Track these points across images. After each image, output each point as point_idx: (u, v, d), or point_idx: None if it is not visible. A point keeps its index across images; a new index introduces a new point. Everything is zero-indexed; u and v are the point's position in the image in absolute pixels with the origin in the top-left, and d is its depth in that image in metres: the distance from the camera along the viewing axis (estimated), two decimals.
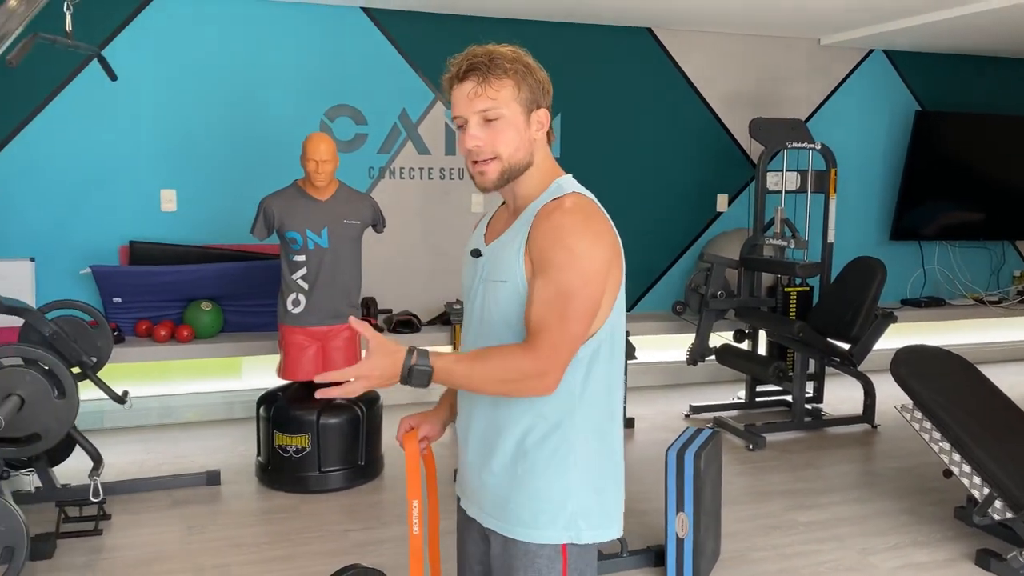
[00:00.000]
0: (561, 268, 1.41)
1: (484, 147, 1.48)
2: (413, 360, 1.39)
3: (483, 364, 1.40)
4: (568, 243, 1.42)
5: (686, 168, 5.57)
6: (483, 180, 1.51)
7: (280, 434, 3.79)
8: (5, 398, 2.75)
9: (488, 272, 1.54)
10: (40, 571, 3.03)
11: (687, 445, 2.97)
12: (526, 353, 1.40)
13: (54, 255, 4.46)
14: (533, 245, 1.45)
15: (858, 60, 5.88)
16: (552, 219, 1.45)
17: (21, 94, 4.35)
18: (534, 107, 1.51)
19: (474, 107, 1.47)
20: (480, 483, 1.58)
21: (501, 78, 1.46)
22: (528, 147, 1.51)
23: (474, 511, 1.62)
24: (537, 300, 1.42)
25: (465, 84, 1.48)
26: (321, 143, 3.63)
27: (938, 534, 3.45)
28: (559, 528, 1.51)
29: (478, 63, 1.46)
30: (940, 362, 3.59)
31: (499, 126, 1.48)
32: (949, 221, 6.09)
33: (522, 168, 1.52)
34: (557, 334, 1.40)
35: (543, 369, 1.40)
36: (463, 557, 1.71)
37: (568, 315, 1.41)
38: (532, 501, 1.51)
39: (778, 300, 5.03)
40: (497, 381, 1.41)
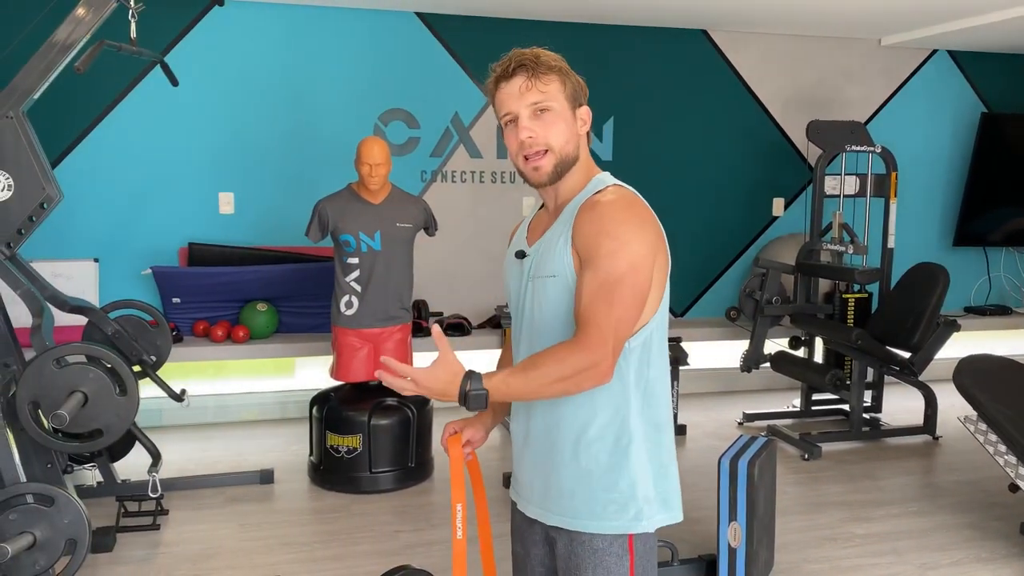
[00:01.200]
0: (607, 256, 1.43)
1: (537, 138, 1.51)
2: (468, 387, 1.40)
3: (536, 370, 1.41)
4: (612, 230, 1.44)
5: (741, 171, 5.49)
6: (538, 175, 1.54)
7: (332, 434, 3.83)
8: (70, 395, 2.83)
9: (535, 270, 1.56)
10: (101, 563, 3.11)
11: (740, 453, 2.92)
12: (576, 347, 1.41)
13: (117, 256, 4.59)
14: (578, 237, 1.48)
15: (921, 61, 5.73)
16: (595, 209, 1.48)
17: (87, 100, 4.49)
18: (578, 104, 1.55)
19: (525, 100, 1.50)
20: (543, 482, 1.59)
21: (548, 73, 1.51)
22: (576, 141, 1.55)
23: (535, 511, 1.62)
24: (585, 291, 1.44)
25: (514, 80, 1.51)
26: (375, 147, 3.66)
27: (1003, 550, 3.33)
28: (628, 518, 1.53)
29: (526, 60, 1.51)
30: (1006, 372, 3.47)
31: (550, 118, 1.51)
32: (1017, 227, 5.88)
33: (572, 162, 1.54)
34: (605, 321, 1.41)
35: (595, 359, 1.40)
36: (523, 561, 1.70)
37: (615, 301, 1.42)
38: (599, 492, 1.53)
39: (835, 307, 4.92)
40: (553, 382, 1.41)
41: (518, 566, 1.73)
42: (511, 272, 1.65)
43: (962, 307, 5.88)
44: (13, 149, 2.98)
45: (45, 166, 3.05)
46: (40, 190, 3.02)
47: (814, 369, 4.74)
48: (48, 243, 4.28)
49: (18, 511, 2.62)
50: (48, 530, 2.64)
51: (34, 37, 3.29)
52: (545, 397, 1.47)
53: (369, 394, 3.91)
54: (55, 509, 2.66)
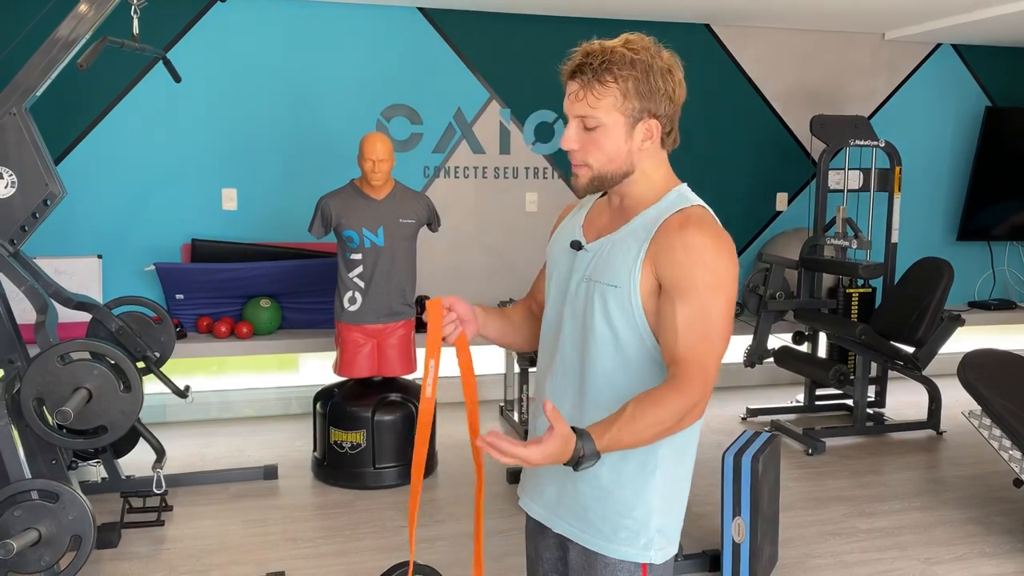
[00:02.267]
0: (705, 289, 1.35)
1: (575, 154, 1.44)
2: (582, 451, 1.28)
3: (644, 419, 1.31)
4: (709, 262, 1.36)
5: (744, 166, 5.48)
6: (576, 183, 1.47)
7: (336, 430, 3.84)
8: (74, 391, 2.83)
9: (594, 272, 1.47)
10: (106, 559, 3.12)
11: (744, 448, 2.92)
12: (679, 392, 1.33)
13: (120, 253, 4.59)
14: (664, 260, 1.38)
15: (925, 55, 5.71)
16: (687, 236, 1.37)
17: (90, 96, 4.49)
18: (643, 116, 1.41)
19: (574, 110, 1.41)
20: (558, 489, 1.54)
21: (606, 84, 1.37)
22: (626, 159, 1.43)
23: (542, 514, 1.58)
24: (681, 325, 1.36)
25: (572, 83, 1.41)
26: (378, 143, 3.66)
27: (1007, 545, 3.32)
28: (638, 547, 1.48)
29: (586, 64, 1.38)
30: (1010, 366, 3.47)
31: (596, 136, 1.41)
32: (1021, 221, 5.86)
33: (618, 178, 1.45)
34: (707, 359, 1.36)
35: (697, 400, 1.35)
36: (536, 562, 1.67)
37: (713, 336, 1.36)
38: (614, 515, 1.48)
39: (839, 301, 4.91)
40: (661, 432, 1.34)
41: (530, 568, 1.70)
42: (560, 258, 1.57)
43: (966, 302, 5.87)
44: (16, 146, 2.98)
45: (48, 163, 3.05)
46: (43, 187, 3.02)
47: (818, 364, 4.74)
48: (52, 240, 4.29)
49: (23, 507, 2.63)
50: (53, 526, 2.65)
51: (36, 34, 3.29)
52: (646, 444, 1.38)
53: (372, 390, 3.92)
54: (60, 505, 2.66)
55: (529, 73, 5.05)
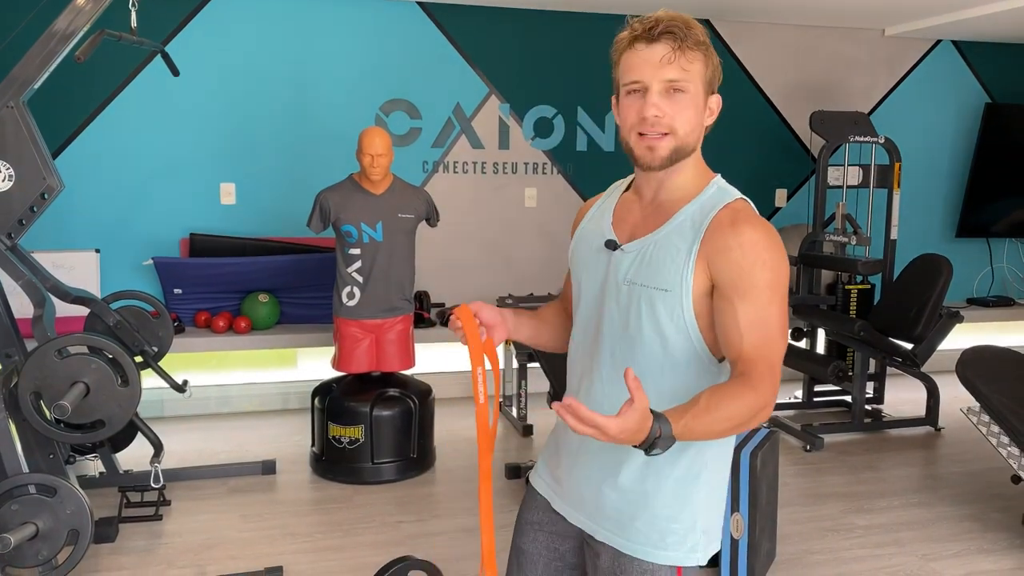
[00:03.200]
0: (767, 288, 1.32)
1: (663, 119, 1.36)
2: (658, 432, 1.20)
3: (718, 412, 1.27)
4: (768, 261, 1.33)
5: (743, 162, 5.47)
6: (652, 156, 1.38)
7: (334, 425, 3.83)
8: (71, 385, 2.82)
9: (637, 275, 1.40)
10: (103, 554, 3.11)
11: (743, 444, 2.91)
12: (750, 390, 1.29)
13: (118, 247, 4.58)
14: (717, 260, 1.34)
15: (925, 51, 5.70)
16: (742, 235, 1.34)
17: (88, 90, 4.47)
18: (712, 90, 1.41)
19: (664, 74, 1.34)
20: (595, 496, 1.48)
21: (695, 50, 1.35)
22: (700, 131, 1.41)
23: (580, 519, 1.52)
24: (744, 325, 1.32)
25: (656, 47, 1.34)
26: (376, 137, 3.65)
27: (1005, 542, 3.33)
28: (684, 550, 1.44)
29: (675, 27, 1.33)
30: (1009, 363, 3.47)
31: (683, 100, 1.36)
32: (1020, 217, 5.87)
33: (689, 152, 1.40)
34: (774, 358, 1.32)
35: (767, 400, 1.31)
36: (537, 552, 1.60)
37: (777, 336, 1.33)
38: (662, 521, 1.43)
39: (838, 298, 4.91)
40: (732, 427, 1.30)
41: (522, 561, 1.61)
42: (591, 260, 1.49)
43: (965, 298, 5.87)
44: (14, 139, 2.97)
45: (46, 156, 3.04)
46: (41, 180, 3.01)
47: (816, 360, 4.74)
48: (49, 234, 4.27)
49: (20, 501, 2.62)
50: (50, 520, 2.64)
51: (34, 26, 3.28)
52: (715, 438, 1.36)
53: (371, 385, 3.91)
54: (57, 499, 2.65)
55: (529, 68, 5.03)
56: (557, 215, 5.11)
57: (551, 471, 1.59)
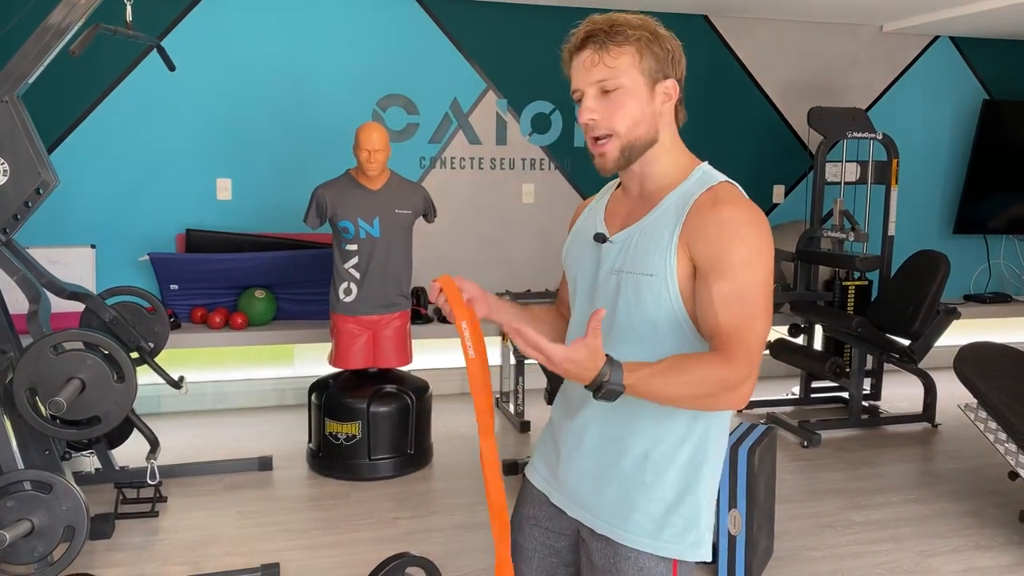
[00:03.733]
0: (744, 265, 1.30)
1: (600, 121, 1.36)
2: (607, 376, 1.21)
3: (681, 376, 1.26)
4: (746, 238, 1.31)
5: (741, 158, 5.46)
6: (602, 162, 1.39)
7: (331, 421, 3.82)
8: (67, 381, 2.81)
9: (624, 263, 1.41)
10: (99, 550, 3.10)
11: (741, 441, 2.91)
12: (723, 362, 1.27)
13: (114, 242, 4.56)
14: (696, 240, 1.33)
15: (922, 47, 5.69)
16: (721, 213, 1.33)
17: (83, 84, 4.45)
18: (660, 77, 1.38)
19: (591, 77, 1.36)
20: (595, 489, 1.47)
21: (621, 44, 1.36)
22: (652, 122, 1.39)
23: (577, 511, 1.51)
24: (720, 302, 1.30)
25: (582, 53, 1.37)
26: (373, 132, 3.64)
27: (1002, 538, 3.33)
28: (685, 544, 1.43)
29: (596, 30, 1.37)
30: (1006, 360, 3.47)
31: (617, 98, 1.36)
32: (1017, 214, 5.87)
33: (645, 145, 1.39)
34: (750, 336, 1.30)
35: (741, 378, 1.28)
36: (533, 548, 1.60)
37: (757, 315, 1.31)
38: (660, 513, 1.43)
39: (835, 294, 4.91)
40: (695, 395, 1.28)
41: (518, 556, 1.61)
42: (583, 256, 1.50)
43: (962, 295, 5.87)
44: (8, 134, 2.95)
45: (41, 151, 3.03)
46: (36, 175, 2.99)
47: (814, 357, 4.74)
48: (44, 229, 4.26)
49: (16, 498, 2.61)
50: (46, 517, 2.64)
51: (29, 20, 3.26)
52: (677, 406, 1.33)
53: (368, 381, 3.90)
54: (53, 496, 2.65)
55: (526, 63, 5.02)
56: (555, 211, 5.10)
57: (548, 465, 1.59)
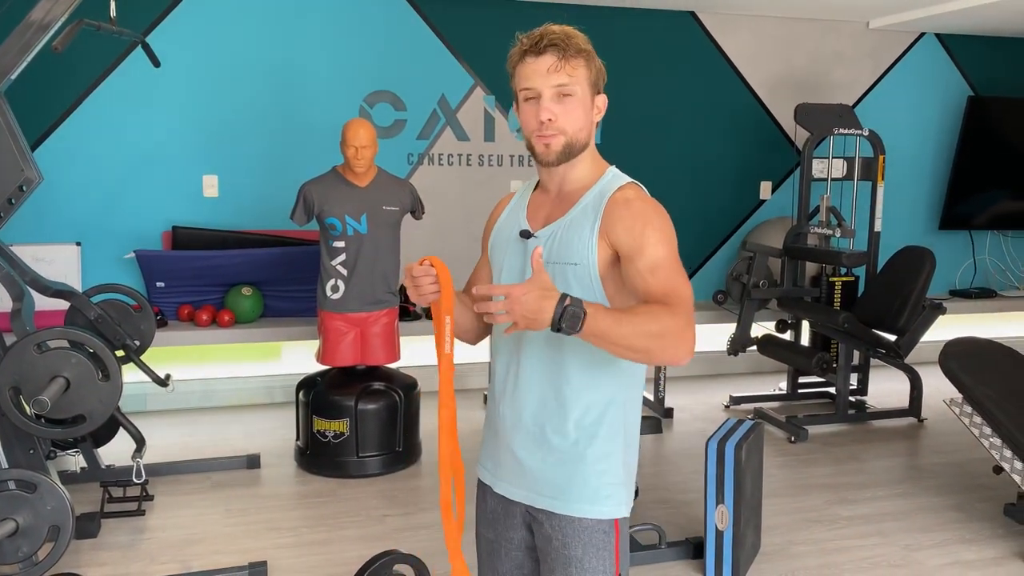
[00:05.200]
0: (657, 243, 1.48)
1: (556, 122, 1.51)
2: (567, 302, 1.33)
3: (636, 316, 1.38)
4: (656, 225, 1.50)
5: (728, 155, 5.47)
6: (547, 152, 1.54)
7: (319, 419, 3.81)
8: (51, 380, 2.79)
9: (551, 255, 1.55)
10: (85, 549, 3.09)
11: (728, 436, 2.92)
12: (670, 311, 1.41)
13: (99, 240, 4.53)
14: (616, 231, 1.50)
15: (908, 44, 5.72)
16: (632, 207, 1.51)
17: (66, 81, 4.41)
18: (596, 91, 1.56)
19: (551, 81, 1.50)
20: (535, 464, 1.59)
21: (577, 57, 1.51)
22: (590, 128, 1.56)
23: (521, 494, 1.62)
24: (647, 272, 1.47)
25: (543, 58, 1.50)
26: (360, 129, 3.62)
27: (987, 531, 3.35)
28: (615, 503, 1.58)
29: (558, 39, 1.50)
30: (991, 355, 3.49)
31: (571, 103, 1.52)
32: (1002, 210, 5.91)
33: (581, 148, 1.55)
34: (681, 291, 1.46)
35: (682, 327, 1.40)
36: (495, 546, 1.69)
37: (678, 278, 1.48)
38: (594, 478, 1.56)
39: (822, 290, 4.93)
40: (647, 336, 1.38)
41: (490, 551, 1.71)
42: (508, 250, 1.63)
43: (947, 290, 5.91)
44: None
45: (24, 148, 3.00)
46: (19, 172, 2.96)
47: (801, 352, 4.76)
48: (29, 227, 4.23)
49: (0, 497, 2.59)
50: (31, 516, 2.62)
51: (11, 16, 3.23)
52: (626, 347, 1.38)
53: (356, 379, 3.89)
54: (37, 495, 2.63)
55: None
56: None
57: (491, 456, 1.69)
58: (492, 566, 1.71)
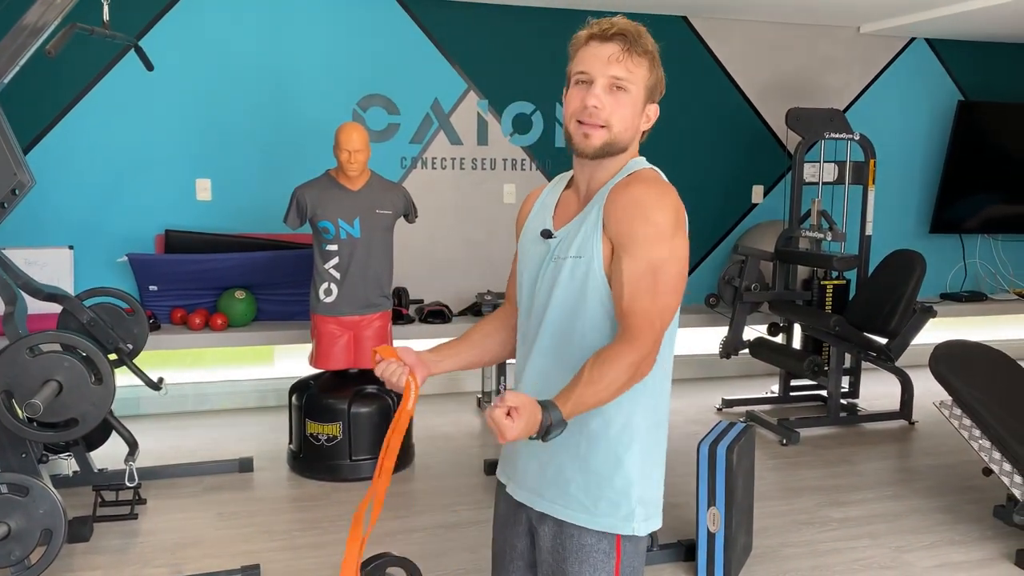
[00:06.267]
0: (645, 242, 1.40)
1: (602, 111, 1.44)
2: (549, 420, 1.31)
3: (602, 382, 1.35)
4: (650, 215, 1.41)
5: (720, 159, 5.50)
6: (586, 143, 1.46)
7: (312, 422, 3.82)
8: (44, 383, 2.79)
9: (560, 250, 1.50)
10: (77, 553, 3.08)
11: (719, 439, 2.94)
12: (629, 346, 1.37)
13: (92, 243, 4.53)
14: (611, 221, 1.44)
15: (899, 49, 5.76)
16: (628, 193, 1.44)
17: (59, 84, 4.41)
18: (651, 99, 1.50)
19: (610, 70, 1.44)
20: (540, 466, 1.55)
21: (642, 56, 1.46)
22: (634, 132, 1.50)
23: (525, 495, 1.58)
24: (627, 279, 1.40)
25: (608, 45, 1.45)
26: (354, 133, 3.63)
27: (976, 533, 3.38)
28: (618, 517, 1.50)
29: (628, 31, 1.45)
30: (981, 358, 3.51)
31: (623, 99, 1.45)
32: (992, 214, 5.95)
33: (621, 149, 1.49)
34: (652, 309, 1.39)
35: (644, 352, 1.38)
36: (502, 554, 1.67)
37: (659, 289, 1.40)
38: (593, 486, 1.50)
39: (814, 293, 4.95)
40: (616, 390, 1.38)
41: (497, 559, 1.69)
42: (531, 251, 1.58)
43: (938, 293, 5.94)
44: None
45: (17, 151, 2.99)
46: (12, 176, 2.95)
47: (792, 355, 4.78)
48: (21, 230, 4.21)
49: None
50: (23, 520, 2.62)
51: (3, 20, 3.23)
52: (606, 403, 1.40)
53: (349, 382, 3.90)
54: (30, 499, 2.63)
55: (507, 64, 5.03)
56: None
57: (508, 455, 1.66)
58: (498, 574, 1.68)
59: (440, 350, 1.68)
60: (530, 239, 1.59)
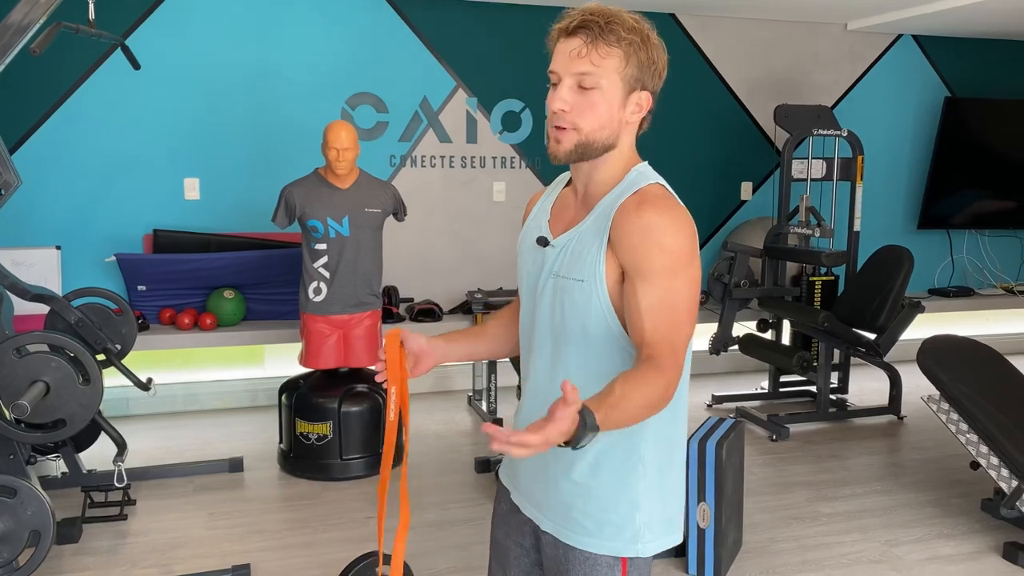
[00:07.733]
0: (664, 271, 1.32)
1: (567, 114, 1.35)
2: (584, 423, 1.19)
3: (631, 402, 1.26)
4: (665, 244, 1.32)
5: (709, 156, 5.51)
6: (555, 148, 1.39)
7: (302, 422, 3.81)
8: (31, 384, 2.78)
9: (560, 267, 1.43)
10: (66, 555, 3.07)
11: (709, 435, 2.95)
12: (658, 372, 1.30)
13: (80, 243, 4.50)
14: (620, 246, 1.35)
15: (886, 45, 5.78)
16: (642, 218, 1.34)
17: (45, 84, 4.38)
18: (637, 87, 1.38)
19: (573, 67, 1.34)
20: (542, 488, 1.51)
21: (612, 45, 1.33)
22: (615, 128, 1.39)
23: (530, 509, 1.55)
24: (645, 308, 1.33)
25: (572, 40, 1.35)
26: (342, 131, 3.62)
27: (964, 526, 3.40)
28: (624, 540, 1.44)
29: (592, 22, 1.33)
30: (968, 353, 3.53)
31: (592, 97, 1.35)
32: (979, 210, 5.98)
33: (601, 149, 1.39)
34: (676, 341, 1.33)
35: (670, 380, 1.32)
36: (504, 549, 1.64)
37: (680, 318, 1.34)
38: (597, 511, 1.44)
39: (803, 289, 4.97)
40: (643, 411, 1.30)
41: (498, 553, 1.66)
42: (528, 256, 1.52)
43: (926, 289, 5.97)
44: None
45: (2, 151, 2.98)
46: None
47: (782, 351, 4.80)
48: (8, 230, 4.19)
49: None
50: (11, 522, 2.60)
51: None
52: (630, 425, 1.32)
53: (339, 381, 3.89)
54: (18, 501, 2.61)
55: (496, 62, 5.03)
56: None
57: (511, 463, 1.63)
58: (500, 566, 1.65)
59: (455, 338, 1.65)
60: (528, 245, 1.54)
